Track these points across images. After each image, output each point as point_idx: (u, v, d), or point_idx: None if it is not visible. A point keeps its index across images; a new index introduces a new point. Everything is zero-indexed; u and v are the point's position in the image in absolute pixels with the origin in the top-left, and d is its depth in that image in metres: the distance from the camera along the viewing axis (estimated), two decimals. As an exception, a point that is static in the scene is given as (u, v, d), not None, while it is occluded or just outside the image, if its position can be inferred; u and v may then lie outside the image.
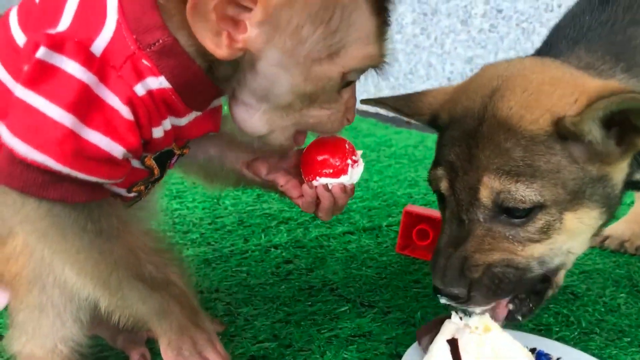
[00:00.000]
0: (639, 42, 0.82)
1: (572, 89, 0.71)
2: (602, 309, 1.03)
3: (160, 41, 0.57)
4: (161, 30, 0.57)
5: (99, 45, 0.55)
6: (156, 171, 0.67)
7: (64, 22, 0.55)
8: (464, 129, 0.74)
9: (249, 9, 0.55)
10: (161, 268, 0.65)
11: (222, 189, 0.85)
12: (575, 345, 0.88)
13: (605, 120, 0.68)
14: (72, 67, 0.53)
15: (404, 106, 0.87)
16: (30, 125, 0.53)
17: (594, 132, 0.69)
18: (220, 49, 0.56)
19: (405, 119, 0.92)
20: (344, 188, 0.73)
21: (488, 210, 0.72)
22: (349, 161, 0.72)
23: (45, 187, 0.55)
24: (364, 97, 0.90)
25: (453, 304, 0.75)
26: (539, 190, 0.70)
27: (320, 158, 0.72)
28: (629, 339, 0.94)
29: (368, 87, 2.64)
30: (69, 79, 0.53)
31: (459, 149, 0.74)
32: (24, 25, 0.59)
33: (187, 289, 0.68)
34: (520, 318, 0.81)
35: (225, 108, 0.68)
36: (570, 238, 0.75)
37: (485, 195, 0.71)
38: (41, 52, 0.52)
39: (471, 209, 0.73)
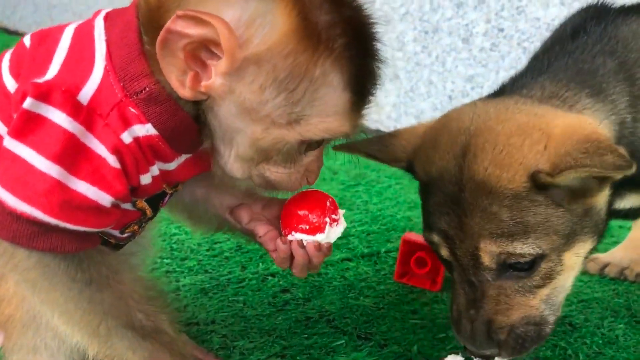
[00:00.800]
0: (607, 70, 0.83)
1: (539, 135, 0.71)
2: (600, 341, 1.02)
3: (147, 89, 0.57)
4: (148, 78, 0.57)
5: (86, 93, 0.55)
6: (148, 212, 0.67)
7: (52, 70, 0.56)
8: (446, 194, 0.74)
9: (218, 57, 0.56)
10: (151, 316, 0.65)
11: (206, 232, 0.84)
12: (572, 381, 0.88)
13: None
14: (58, 117, 0.53)
15: (378, 151, 0.86)
16: (18, 176, 0.53)
17: (569, 182, 0.70)
18: (183, 89, 0.57)
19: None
20: (318, 246, 0.72)
21: (494, 271, 0.74)
22: (328, 219, 0.71)
23: (35, 238, 0.55)
24: (370, 116, 0.90)
25: None
26: (535, 243, 0.71)
27: (299, 212, 0.71)
28: (626, 374, 0.94)
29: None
30: (55, 129, 0.53)
31: (448, 218, 0.74)
32: (14, 71, 0.59)
33: (177, 336, 0.68)
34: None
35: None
36: (570, 274, 0.78)
37: (487, 260, 0.73)
38: (28, 102, 0.53)
39: (478, 272, 0.74)
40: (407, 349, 0.94)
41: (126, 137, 0.57)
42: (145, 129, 0.58)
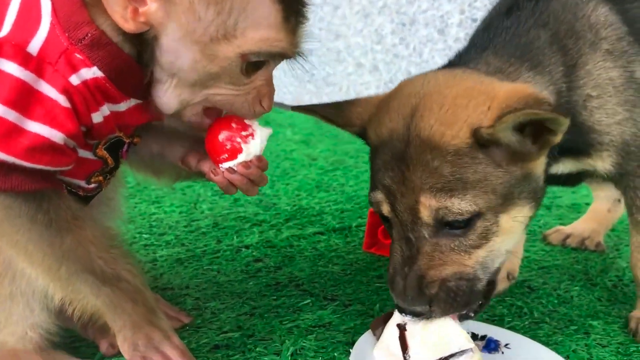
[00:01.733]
0: (541, 43, 0.87)
1: (484, 98, 0.74)
2: (555, 301, 1.08)
3: (89, 35, 0.64)
4: (89, 25, 0.64)
5: (35, 45, 0.62)
6: (110, 161, 0.72)
7: (5, 29, 0.62)
8: (393, 152, 0.77)
9: None
10: (111, 264, 0.69)
11: (170, 183, 0.88)
12: (524, 334, 0.93)
13: (517, 127, 0.72)
14: (10, 67, 0.60)
15: (335, 115, 0.89)
16: None
17: (509, 137, 0.73)
18: (127, 23, 0.62)
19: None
20: (247, 165, 0.75)
21: (431, 227, 0.75)
22: (239, 139, 0.74)
23: None
24: None
25: (417, 319, 0.78)
26: (472, 200, 0.73)
27: (215, 145, 0.74)
28: (576, 327, 0.99)
29: (350, 95, 2.70)
30: (8, 78, 0.60)
31: (392, 173, 0.76)
32: None
33: (141, 287, 0.72)
34: (472, 315, 0.84)
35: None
36: (507, 238, 0.80)
37: (425, 214, 0.74)
38: None
39: (415, 227, 0.76)
40: (370, 307, 0.99)
41: (74, 80, 0.63)
42: (91, 72, 0.64)
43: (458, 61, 0.91)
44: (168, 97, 0.68)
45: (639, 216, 0.97)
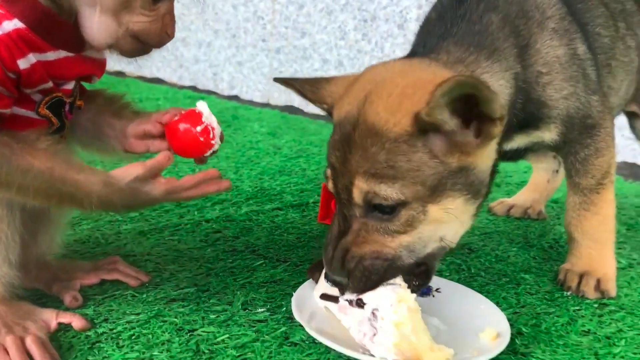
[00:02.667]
0: (494, 27, 0.92)
1: (431, 88, 0.73)
2: (493, 259, 1.17)
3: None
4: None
5: None
6: (54, 120, 0.79)
7: None
8: (343, 133, 0.81)
9: None
10: None
11: (113, 159, 0.94)
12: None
13: (454, 107, 0.74)
14: None
15: (309, 91, 0.92)
16: None
17: (446, 119, 0.75)
18: None
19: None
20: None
21: (361, 207, 0.80)
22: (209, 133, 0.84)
23: None
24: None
25: (337, 289, 0.84)
26: (400, 189, 0.77)
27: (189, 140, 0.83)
28: (508, 279, 1.08)
29: (316, 91, 2.78)
30: None
31: (338, 153, 0.81)
32: None
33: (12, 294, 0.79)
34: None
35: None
36: (438, 227, 0.82)
37: (356, 195, 0.79)
38: None
39: (349, 205, 0.81)
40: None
41: None
42: (12, 24, 0.72)
43: (422, 50, 0.93)
44: (97, 28, 0.75)
45: (576, 178, 1.06)
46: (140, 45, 0.79)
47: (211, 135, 0.82)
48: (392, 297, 0.79)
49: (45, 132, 0.78)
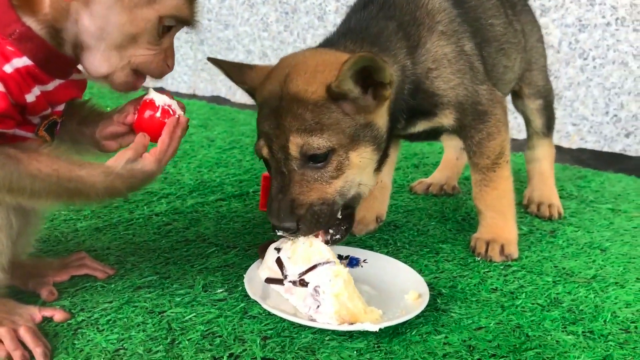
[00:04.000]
0: (389, 32, 1.11)
1: (336, 65, 0.97)
2: (415, 233, 1.34)
3: (18, 31, 0.80)
4: (17, 23, 0.80)
5: None
6: (48, 139, 0.89)
7: None
8: (271, 107, 0.99)
9: None
10: None
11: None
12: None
13: (356, 78, 0.96)
14: None
15: (235, 73, 1.10)
16: None
17: (350, 88, 0.96)
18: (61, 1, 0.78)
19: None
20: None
21: (298, 161, 0.97)
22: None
23: None
24: (241, 92, 1.04)
25: (287, 235, 1.00)
26: (328, 138, 0.96)
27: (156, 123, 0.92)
28: (428, 249, 1.26)
29: (242, 81, 2.89)
30: None
31: (270, 122, 0.98)
32: None
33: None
34: (339, 237, 1.07)
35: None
36: (358, 172, 1.02)
37: (293, 150, 0.96)
38: None
39: (287, 162, 0.98)
40: (266, 249, 1.21)
41: (7, 69, 0.79)
42: (22, 61, 0.80)
43: (325, 44, 1.14)
44: (99, 60, 0.84)
45: (474, 159, 1.24)
46: (136, 77, 0.88)
47: (171, 112, 0.93)
48: (329, 274, 0.94)
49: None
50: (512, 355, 0.89)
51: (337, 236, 1.06)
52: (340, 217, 1.04)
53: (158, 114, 0.91)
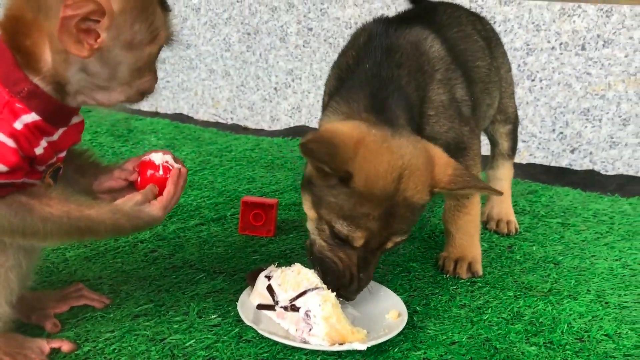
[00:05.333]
0: (421, 81, 1.22)
1: (430, 166, 1.10)
2: (387, 253, 1.44)
3: (26, 89, 0.85)
4: (25, 82, 0.85)
5: None
6: (52, 184, 0.95)
7: None
8: (385, 208, 1.04)
9: (98, 20, 0.83)
10: None
11: None
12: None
13: None
14: None
15: (329, 161, 1.04)
16: None
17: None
18: (82, 52, 0.84)
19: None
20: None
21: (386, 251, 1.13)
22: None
23: None
24: (204, 109, 1.06)
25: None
26: (408, 233, 1.13)
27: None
28: (401, 268, 1.36)
29: (206, 99, 2.95)
30: None
31: (379, 223, 1.05)
32: None
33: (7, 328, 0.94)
34: None
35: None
36: None
37: (389, 246, 1.11)
38: None
39: (375, 252, 1.11)
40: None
41: (18, 125, 0.84)
42: (31, 117, 0.85)
43: (390, 118, 1.15)
44: (114, 95, 0.91)
45: None
46: (141, 97, 0.95)
47: (170, 167, 1.01)
48: (319, 299, 1.03)
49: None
50: (484, 367, 1.00)
51: None
52: None
53: (160, 172, 1.00)
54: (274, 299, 1.08)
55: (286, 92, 2.78)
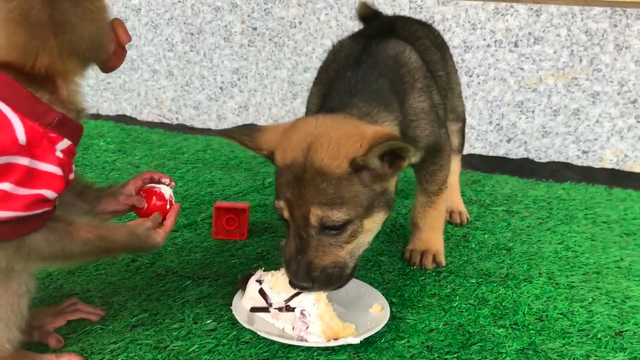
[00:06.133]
0: (386, 89, 1.26)
1: (357, 138, 1.07)
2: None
3: (56, 118, 0.89)
4: (52, 112, 0.88)
5: (21, 139, 0.85)
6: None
7: None
8: (294, 175, 1.07)
9: None
10: None
11: None
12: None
13: (380, 155, 1.07)
14: (22, 161, 0.84)
15: (247, 141, 1.16)
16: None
17: (375, 163, 1.07)
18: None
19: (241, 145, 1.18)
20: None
21: (316, 229, 1.08)
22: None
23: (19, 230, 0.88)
24: (148, 110, 1.08)
25: (303, 291, 1.12)
26: (346, 212, 1.07)
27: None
28: (372, 263, 1.47)
29: (149, 100, 2.94)
30: (17, 167, 0.84)
31: (293, 190, 1.07)
32: None
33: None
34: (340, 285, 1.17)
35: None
36: (369, 234, 1.15)
37: (313, 220, 1.07)
38: None
39: (306, 228, 1.08)
40: (234, 278, 1.36)
41: (59, 154, 0.89)
42: (65, 143, 0.90)
43: (338, 105, 1.23)
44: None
45: (425, 185, 1.46)
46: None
47: (173, 201, 1.13)
48: (312, 298, 1.12)
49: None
50: (462, 350, 1.11)
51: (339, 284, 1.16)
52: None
53: (167, 206, 1.11)
54: (267, 302, 1.15)
55: (232, 91, 2.82)
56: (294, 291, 1.13)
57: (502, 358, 1.09)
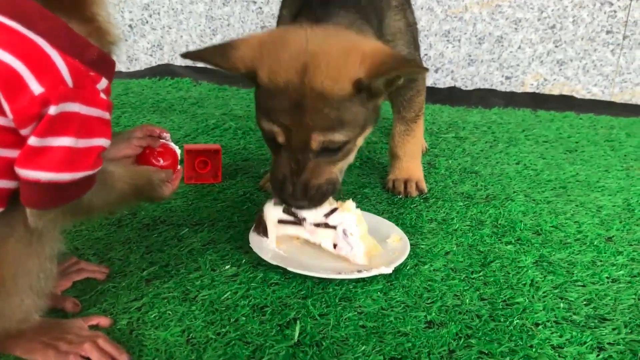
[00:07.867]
0: (379, 6, 1.22)
1: (356, 55, 1.00)
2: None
3: (95, 55, 0.76)
4: (91, 47, 0.75)
5: (68, 80, 0.71)
6: None
7: (36, 87, 0.68)
8: (290, 100, 1.00)
9: None
10: None
11: None
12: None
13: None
14: (73, 107, 0.71)
15: (221, 61, 1.05)
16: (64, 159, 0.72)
17: (379, 85, 1.06)
18: None
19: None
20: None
21: (316, 153, 1.06)
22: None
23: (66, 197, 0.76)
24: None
25: (298, 211, 1.11)
26: (346, 133, 1.05)
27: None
28: (360, 196, 1.46)
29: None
30: (76, 115, 0.72)
31: (291, 116, 1.01)
32: None
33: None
34: None
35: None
36: (356, 150, 1.15)
37: (314, 145, 1.04)
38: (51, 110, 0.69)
39: (305, 153, 1.05)
40: (229, 219, 1.29)
41: (102, 96, 0.76)
42: (104, 83, 0.78)
43: (324, 13, 1.16)
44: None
45: (403, 113, 1.45)
46: None
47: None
48: (354, 219, 1.11)
49: None
50: (485, 268, 1.15)
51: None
52: None
53: (178, 166, 1.09)
54: (296, 217, 1.12)
55: (143, 29, 2.62)
56: (327, 209, 1.11)
57: (524, 272, 1.14)
